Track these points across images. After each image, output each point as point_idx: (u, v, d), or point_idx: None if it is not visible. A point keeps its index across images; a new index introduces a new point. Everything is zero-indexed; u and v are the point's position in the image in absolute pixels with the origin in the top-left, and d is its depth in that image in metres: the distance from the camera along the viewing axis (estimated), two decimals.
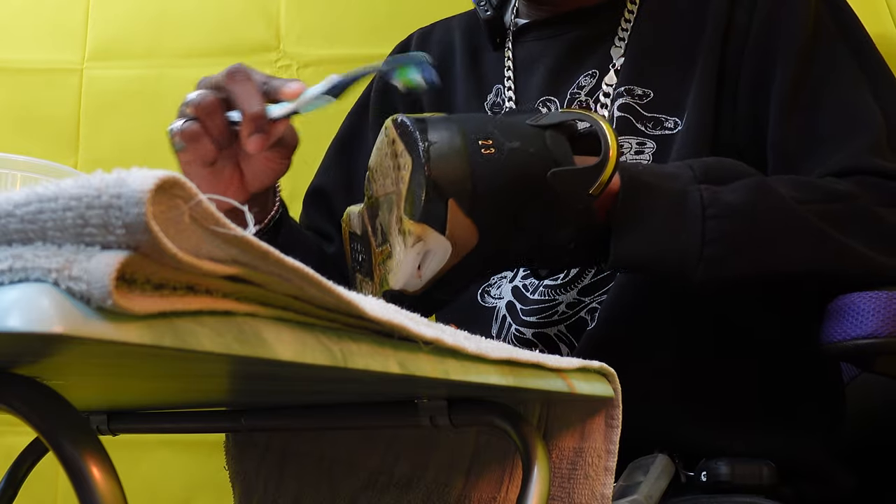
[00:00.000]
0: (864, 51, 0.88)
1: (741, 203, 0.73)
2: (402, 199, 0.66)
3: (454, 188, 0.65)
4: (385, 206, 0.70)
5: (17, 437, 1.07)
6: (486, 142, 0.67)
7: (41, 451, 0.80)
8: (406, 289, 0.68)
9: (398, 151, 0.67)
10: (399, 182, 0.67)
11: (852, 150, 0.81)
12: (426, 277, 0.67)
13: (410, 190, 0.65)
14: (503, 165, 0.67)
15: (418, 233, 0.65)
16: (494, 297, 0.92)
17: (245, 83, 0.70)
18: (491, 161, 0.67)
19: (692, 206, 0.71)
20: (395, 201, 0.67)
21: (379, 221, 0.71)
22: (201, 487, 1.39)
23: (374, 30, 1.48)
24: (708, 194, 0.72)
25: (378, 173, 0.71)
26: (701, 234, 0.71)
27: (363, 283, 0.75)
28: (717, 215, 0.71)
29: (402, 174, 0.67)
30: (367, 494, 0.71)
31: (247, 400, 0.64)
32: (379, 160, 0.71)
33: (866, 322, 0.72)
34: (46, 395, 0.31)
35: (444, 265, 0.66)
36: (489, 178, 0.66)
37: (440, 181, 0.65)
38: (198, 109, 0.71)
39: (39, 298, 0.24)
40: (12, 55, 1.48)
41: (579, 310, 0.86)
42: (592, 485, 0.58)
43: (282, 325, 0.32)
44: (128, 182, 0.25)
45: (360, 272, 0.76)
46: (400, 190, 0.67)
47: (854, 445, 0.89)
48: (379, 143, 0.71)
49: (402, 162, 0.67)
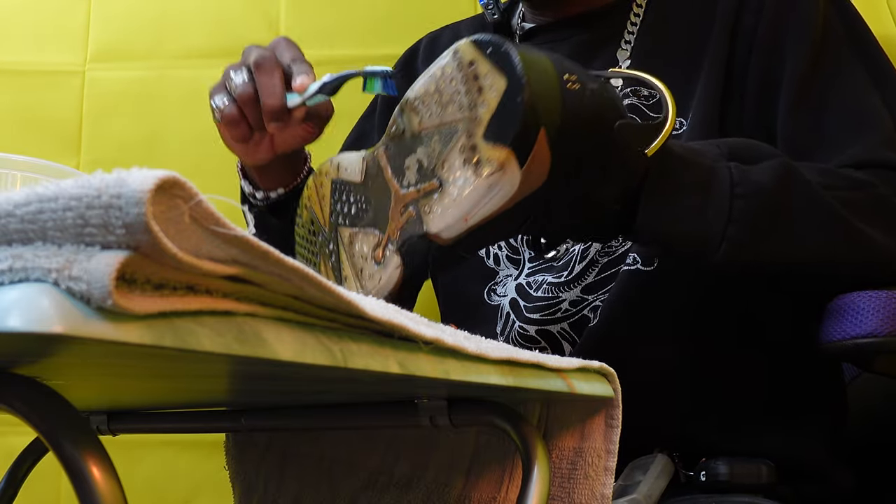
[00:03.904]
0: (871, 53, 0.88)
1: (769, 183, 0.71)
2: (482, 124, 0.61)
3: (548, 116, 0.61)
4: (436, 139, 0.64)
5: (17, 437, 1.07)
6: (570, 76, 0.63)
7: (41, 451, 0.80)
8: (440, 234, 0.63)
9: (480, 73, 0.62)
10: (477, 106, 0.62)
11: (865, 145, 0.81)
12: (473, 221, 0.62)
13: (499, 113, 0.60)
14: (586, 103, 0.63)
15: (502, 160, 0.60)
16: (500, 296, 0.92)
17: (270, 74, 0.75)
18: (576, 95, 0.63)
19: (721, 183, 0.70)
20: (463, 129, 0.62)
21: (416, 158, 0.66)
22: (201, 487, 1.39)
23: (374, 30, 1.48)
24: (737, 172, 0.70)
25: (427, 103, 0.66)
26: (727, 213, 0.69)
27: (354, 237, 0.71)
28: (745, 194, 0.70)
29: (484, 97, 0.61)
30: (367, 494, 0.71)
31: (247, 400, 0.64)
32: (433, 88, 0.65)
33: (866, 321, 0.72)
34: (46, 395, 0.31)
35: (499, 207, 0.62)
36: (574, 112, 0.62)
37: (537, 106, 0.60)
38: (238, 99, 0.76)
39: (39, 298, 0.24)
40: (14, 57, 1.49)
41: (582, 308, 0.86)
42: (592, 485, 0.58)
43: (282, 325, 0.32)
44: (128, 182, 0.25)
45: (352, 224, 0.71)
46: (477, 115, 0.61)
47: (854, 445, 0.89)
48: (437, 71, 0.65)
49: (487, 83, 0.61)
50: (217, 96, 0.77)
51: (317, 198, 0.75)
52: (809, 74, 0.85)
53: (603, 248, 0.87)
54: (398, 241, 0.66)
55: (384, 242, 0.67)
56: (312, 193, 0.76)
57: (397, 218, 0.66)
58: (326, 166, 0.75)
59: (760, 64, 0.87)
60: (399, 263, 0.66)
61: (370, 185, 0.70)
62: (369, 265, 0.69)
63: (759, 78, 0.87)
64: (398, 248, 0.66)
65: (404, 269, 0.66)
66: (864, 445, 0.92)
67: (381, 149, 0.69)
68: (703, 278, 0.84)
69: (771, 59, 0.87)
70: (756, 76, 0.87)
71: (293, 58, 0.76)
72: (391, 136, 0.68)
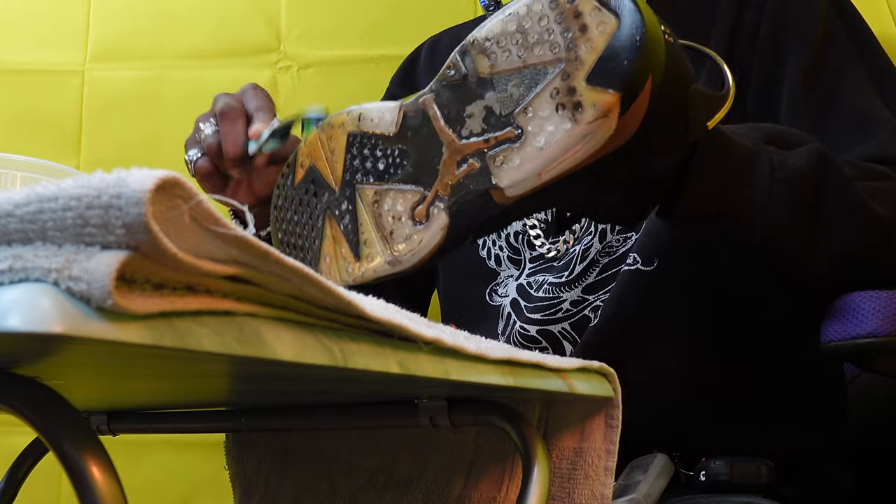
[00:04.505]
0: (872, 52, 0.88)
1: (805, 169, 0.71)
2: (585, 66, 0.56)
3: (657, 64, 0.57)
4: (514, 83, 0.59)
5: (17, 437, 1.07)
6: (665, 28, 0.59)
7: (41, 451, 0.80)
8: (507, 190, 0.59)
9: (583, 10, 0.57)
10: (579, 46, 0.57)
11: (874, 142, 0.81)
12: (547, 177, 0.58)
13: (608, 54, 0.56)
14: (678, 58, 0.60)
15: (608, 105, 0.55)
16: (501, 296, 0.93)
17: (233, 122, 0.77)
18: (673, 48, 0.59)
19: (762, 166, 0.69)
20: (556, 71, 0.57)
21: (482, 105, 0.60)
22: (201, 487, 1.39)
23: (374, 30, 1.48)
24: (777, 157, 0.70)
25: (504, 44, 0.60)
26: (767, 196, 0.69)
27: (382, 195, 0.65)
28: (785, 179, 0.69)
29: (590, 36, 0.56)
30: (367, 494, 0.71)
31: (247, 400, 0.64)
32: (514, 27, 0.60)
33: (866, 321, 0.72)
34: (46, 395, 0.31)
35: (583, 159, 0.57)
36: (671, 65, 0.59)
37: (652, 51, 0.56)
38: (207, 150, 0.79)
39: (39, 298, 0.24)
40: (14, 56, 1.49)
41: (583, 308, 0.86)
42: (592, 485, 0.58)
43: (282, 325, 0.32)
44: (128, 182, 0.25)
45: (379, 180, 0.65)
46: (578, 55, 0.56)
47: (854, 445, 0.89)
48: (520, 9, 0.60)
49: (593, 21, 0.57)
50: (190, 150, 0.80)
51: (323, 153, 0.68)
52: (812, 74, 0.85)
53: (603, 248, 0.87)
54: (450, 197, 0.61)
55: (430, 199, 0.62)
56: (316, 149, 0.69)
57: (451, 172, 0.61)
58: (342, 118, 0.68)
59: (762, 62, 0.87)
60: (445, 224, 0.61)
61: (409, 137, 0.64)
62: (404, 226, 0.63)
63: (761, 76, 0.87)
64: (448, 205, 0.61)
65: (449, 230, 0.61)
66: (865, 445, 0.92)
67: (430, 96, 0.63)
68: (704, 276, 0.84)
69: (772, 58, 0.87)
70: (758, 74, 0.87)
71: (257, 107, 0.78)
72: (446, 81, 0.62)
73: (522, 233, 0.93)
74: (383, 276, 0.65)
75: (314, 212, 0.69)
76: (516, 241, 0.94)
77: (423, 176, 0.63)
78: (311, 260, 0.69)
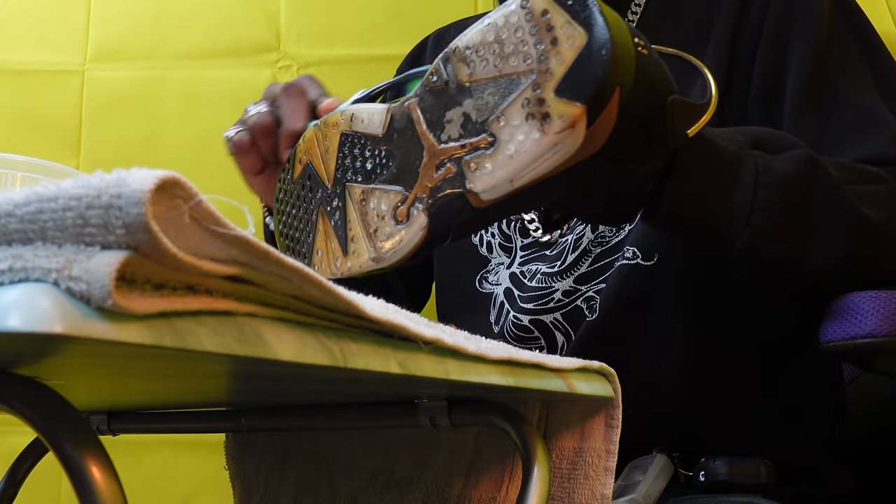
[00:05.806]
0: (875, 51, 0.88)
1: (792, 174, 0.71)
2: (554, 78, 0.58)
3: (625, 76, 0.58)
4: (489, 91, 0.61)
5: (17, 437, 1.07)
6: (640, 40, 0.61)
7: (41, 451, 0.80)
8: (482, 194, 0.60)
9: (555, 24, 0.58)
10: (550, 58, 0.58)
11: (873, 142, 0.81)
12: (519, 184, 0.59)
13: (576, 67, 0.57)
14: (651, 70, 0.61)
15: (574, 117, 0.57)
16: (492, 284, 0.93)
17: (296, 99, 0.75)
18: (645, 61, 0.61)
19: (747, 171, 0.69)
20: (528, 82, 0.59)
21: (461, 112, 0.62)
22: (201, 487, 1.39)
23: (374, 30, 1.48)
24: (762, 161, 0.70)
25: (482, 53, 0.62)
26: (751, 201, 0.69)
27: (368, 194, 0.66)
28: (769, 183, 0.69)
29: (560, 49, 0.58)
30: (367, 494, 0.71)
31: (247, 400, 0.64)
32: (492, 37, 0.61)
33: (865, 321, 0.72)
34: (46, 395, 0.31)
35: (552, 169, 0.59)
36: (642, 77, 0.60)
37: (618, 64, 0.57)
38: (253, 127, 0.76)
39: (39, 298, 0.24)
40: (14, 56, 1.49)
41: (575, 298, 0.86)
42: (592, 485, 0.58)
43: (282, 325, 0.32)
44: (128, 182, 0.25)
45: (366, 180, 0.67)
46: (549, 67, 0.58)
47: (854, 445, 0.89)
48: (498, 20, 0.61)
49: (564, 35, 0.58)
50: (232, 128, 0.78)
51: (318, 151, 0.70)
52: (815, 72, 0.85)
53: (596, 239, 0.87)
54: (428, 199, 0.63)
55: (410, 200, 0.64)
56: (312, 146, 0.71)
57: (430, 175, 0.63)
58: (335, 118, 0.70)
59: (765, 59, 0.87)
60: (425, 224, 0.63)
61: (395, 139, 0.66)
62: (387, 224, 0.65)
63: (764, 73, 0.87)
64: (427, 207, 0.63)
65: (429, 230, 0.63)
66: (865, 445, 0.92)
67: (415, 100, 0.65)
68: (705, 273, 0.84)
69: (776, 56, 0.87)
70: (761, 72, 0.87)
71: (320, 94, 0.77)
72: (429, 87, 0.64)
73: (516, 219, 0.93)
74: (368, 271, 0.67)
75: (309, 206, 0.71)
76: (508, 229, 0.94)
77: (406, 177, 0.64)
78: (306, 253, 0.71)
